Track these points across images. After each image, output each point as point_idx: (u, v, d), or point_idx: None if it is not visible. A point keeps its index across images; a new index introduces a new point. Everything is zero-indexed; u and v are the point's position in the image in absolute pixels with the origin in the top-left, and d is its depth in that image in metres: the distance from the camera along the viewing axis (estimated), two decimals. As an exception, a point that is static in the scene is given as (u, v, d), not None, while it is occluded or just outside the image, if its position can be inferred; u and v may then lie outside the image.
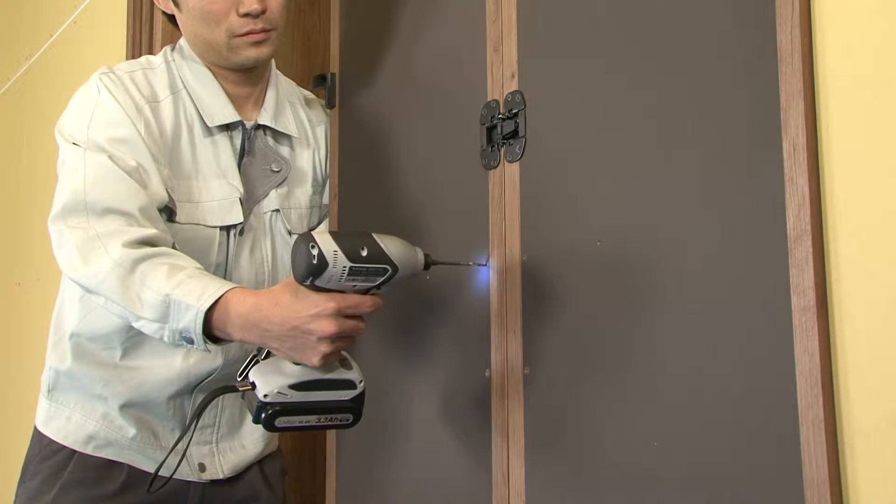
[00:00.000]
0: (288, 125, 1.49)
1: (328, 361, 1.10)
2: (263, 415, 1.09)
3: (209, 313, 1.13)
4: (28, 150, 2.88)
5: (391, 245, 1.06)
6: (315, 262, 1.02)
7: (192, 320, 1.13)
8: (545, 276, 1.13)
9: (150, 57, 1.46)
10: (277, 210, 1.44)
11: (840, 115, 0.85)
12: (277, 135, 1.47)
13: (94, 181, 1.25)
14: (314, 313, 1.06)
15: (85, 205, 1.24)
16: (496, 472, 1.17)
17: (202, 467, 1.41)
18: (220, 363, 1.38)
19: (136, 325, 1.20)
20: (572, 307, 1.09)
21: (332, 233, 1.05)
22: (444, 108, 1.34)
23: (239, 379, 1.12)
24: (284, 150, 1.48)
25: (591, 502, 1.04)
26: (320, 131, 1.56)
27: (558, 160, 1.14)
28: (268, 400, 1.09)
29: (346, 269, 1.04)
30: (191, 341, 1.16)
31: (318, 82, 1.61)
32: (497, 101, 1.23)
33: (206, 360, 1.37)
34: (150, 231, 1.23)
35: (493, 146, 1.23)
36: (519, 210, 1.17)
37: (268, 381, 1.09)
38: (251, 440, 1.47)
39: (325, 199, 1.55)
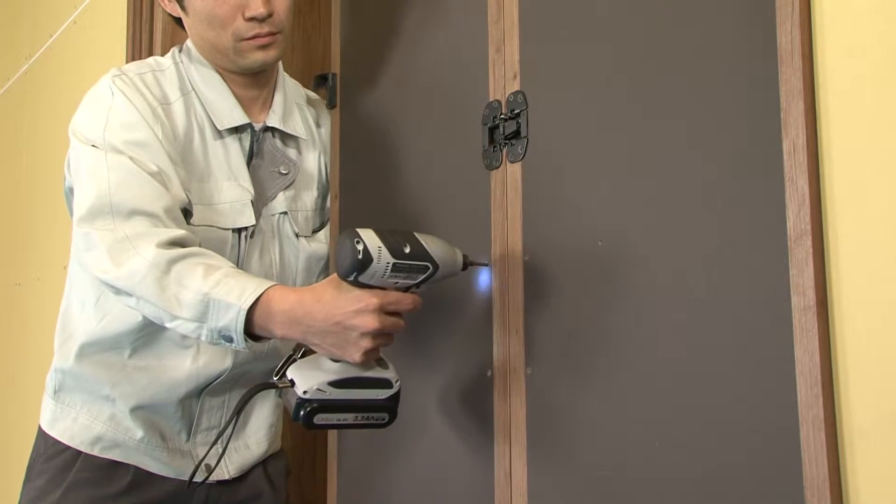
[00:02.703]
0: (296, 127, 1.48)
1: (369, 358, 1.10)
2: (302, 412, 1.10)
3: (250, 311, 1.13)
4: (28, 150, 2.88)
5: (433, 244, 1.08)
6: (360, 257, 1.04)
7: (233, 319, 1.14)
8: (547, 276, 1.13)
9: (158, 58, 1.45)
10: (285, 212, 1.44)
11: (840, 115, 0.85)
12: (285, 137, 1.47)
13: (117, 183, 1.25)
14: (357, 308, 1.07)
15: (111, 207, 1.24)
16: (498, 472, 1.17)
17: (208, 468, 1.42)
18: (229, 364, 1.38)
19: (170, 324, 1.20)
20: (574, 307, 1.09)
21: (375, 229, 1.06)
22: (446, 108, 1.34)
23: (275, 378, 1.13)
24: (292, 153, 1.48)
25: (592, 501, 1.04)
26: (325, 133, 1.56)
27: (560, 160, 1.14)
28: (307, 396, 1.10)
29: (390, 265, 1.05)
30: (230, 340, 1.16)
31: (318, 82, 1.61)
32: (499, 102, 1.23)
33: (215, 361, 1.37)
34: (179, 232, 1.23)
35: (494, 146, 1.23)
36: (521, 210, 1.17)
37: (307, 378, 1.10)
38: (255, 440, 1.47)
39: (329, 202, 1.55)
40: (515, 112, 1.20)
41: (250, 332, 1.16)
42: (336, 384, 1.11)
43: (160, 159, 1.30)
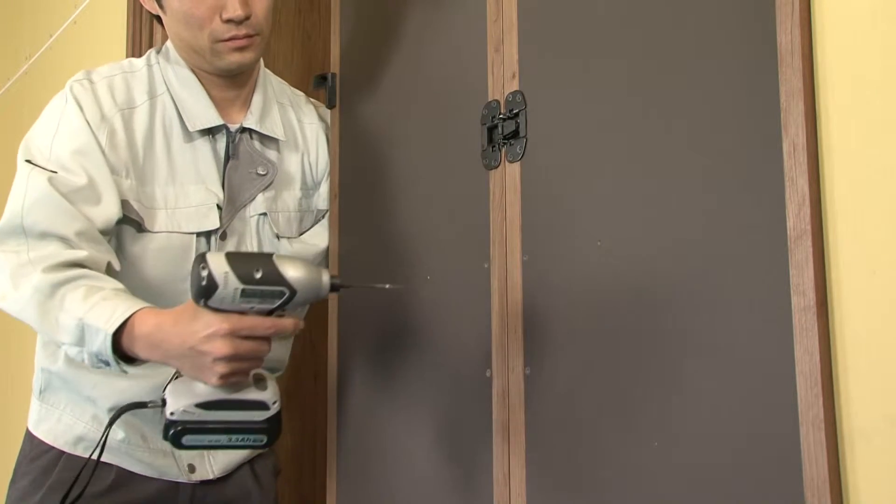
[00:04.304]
0: (274, 128, 1.47)
1: (228, 382, 1.09)
2: (171, 431, 1.09)
3: (118, 335, 1.13)
4: (28, 150, 2.87)
5: (290, 268, 1.05)
6: (204, 283, 1.03)
7: (102, 343, 1.14)
8: (546, 276, 1.13)
9: (133, 60, 1.44)
10: (265, 214, 1.43)
11: (840, 115, 0.85)
12: (264, 138, 1.46)
13: (31, 204, 1.25)
14: (208, 334, 1.06)
15: (23, 228, 1.25)
16: (497, 472, 1.17)
17: (192, 468, 1.41)
18: None
19: (62, 349, 1.20)
20: (573, 307, 1.09)
21: (228, 254, 1.05)
22: (445, 108, 1.34)
23: (163, 392, 1.12)
24: (271, 154, 1.46)
25: (591, 501, 1.04)
26: (311, 132, 1.54)
27: (559, 160, 1.14)
28: (174, 418, 1.09)
29: (239, 290, 1.03)
30: (108, 363, 1.16)
31: (318, 82, 1.61)
32: (498, 101, 1.23)
33: None
34: (80, 253, 1.23)
35: (493, 146, 1.23)
36: (520, 210, 1.17)
37: (177, 399, 1.09)
38: None
39: (319, 204, 1.54)
40: (514, 112, 1.19)
41: (125, 355, 1.16)
42: (204, 406, 1.09)
43: (97, 169, 1.29)
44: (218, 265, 1.03)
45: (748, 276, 0.90)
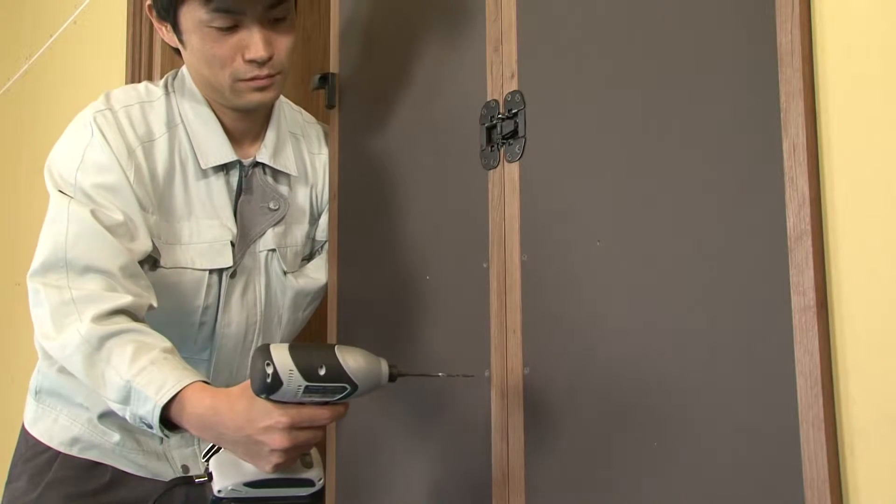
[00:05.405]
0: (287, 163, 1.45)
1: (281, 469, 1.09)
2: None
3: (166, 407, 1.13)
4: (28, 150, 2.88)
5: (352, 361, 1.05)
6: (269, 381, 1.02)
7: (149, 412, 1.13)
8: (545, 275, 1.13)
9: (150, 86, 1.41)
10: (274, 250, 1.42)
11: (840, 115, 0.85)
12: (276, 172, 1.45)
13: (75, 237, 1.23)
14: (266, 426, 1.05)
15: (65, 262, 1.22)
16: (496, 473, 1.17)
17: (185, 469, 1.42)
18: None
19: (104, 399, 1.20)
20: (572, 307, 1.09)
21: (291, 347, 1.04)
22: (444, 107, 1.34)
23: (203, 460, 1.12)
24: (283, 188, 1.45)
25: (590, 501, 1.04)
26: (320, 163, 1.53)
27: (558, 160, 1.14)
28: (222, 496, 1.09)
29: (302, 387, 1.03)
30: (150, 427, 1.15)
31: (318, 82, 1.60)
32: (497, 101, 1.23)
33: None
34: (124, 300, 1.21)
35: (492, 146, 1.23)
36: (518, 210, 1.17)
37: (224, 476, 1.10)
38: None
39: (318, 234, 1.53)
40: (513, 112, 1.19)
41: (170, 422, 1.15)
42: (253, 484, 1.09)
43: (128, 206, 1.27)
44: (283, 361, 1.02)
45: (748, 275, 0.89)
